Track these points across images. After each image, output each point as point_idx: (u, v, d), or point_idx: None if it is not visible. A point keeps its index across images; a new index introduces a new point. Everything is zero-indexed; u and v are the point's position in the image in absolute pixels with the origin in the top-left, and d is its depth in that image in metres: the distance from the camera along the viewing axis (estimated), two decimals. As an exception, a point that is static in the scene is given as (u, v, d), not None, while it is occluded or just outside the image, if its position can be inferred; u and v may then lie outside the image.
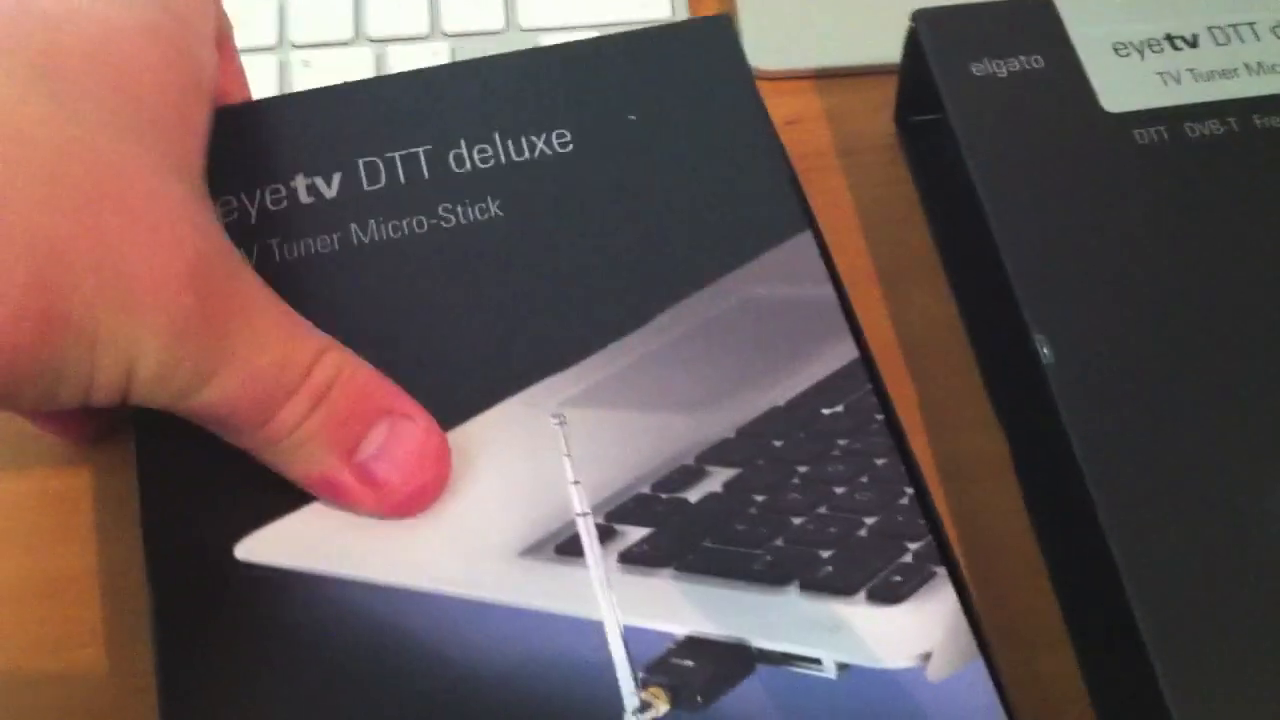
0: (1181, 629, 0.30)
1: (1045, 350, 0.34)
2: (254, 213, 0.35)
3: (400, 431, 0.30)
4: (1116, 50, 0.40)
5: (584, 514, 0.31)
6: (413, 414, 0.30)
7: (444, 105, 0.37)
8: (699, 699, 0.29)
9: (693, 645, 0.30)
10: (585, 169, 0.36)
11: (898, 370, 0.38)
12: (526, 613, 0.30)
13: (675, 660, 0.30)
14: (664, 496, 0.31)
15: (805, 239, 0.35)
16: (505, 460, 0.32)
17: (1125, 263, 0.36)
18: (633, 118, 0.37)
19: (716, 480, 0.31)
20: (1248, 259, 0.36)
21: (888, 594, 0.30)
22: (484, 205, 0.35)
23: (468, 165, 0.36)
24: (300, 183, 0.36)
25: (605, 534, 0.31)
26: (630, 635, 0.30)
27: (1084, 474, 0.32)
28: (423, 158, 0.36)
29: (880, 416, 0.32)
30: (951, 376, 0.39)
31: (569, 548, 0.31)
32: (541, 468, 0.32)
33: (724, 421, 0.32)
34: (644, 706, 0.29)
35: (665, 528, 0.31)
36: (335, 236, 0.35)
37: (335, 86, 0.38)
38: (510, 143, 0.37)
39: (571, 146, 0.37)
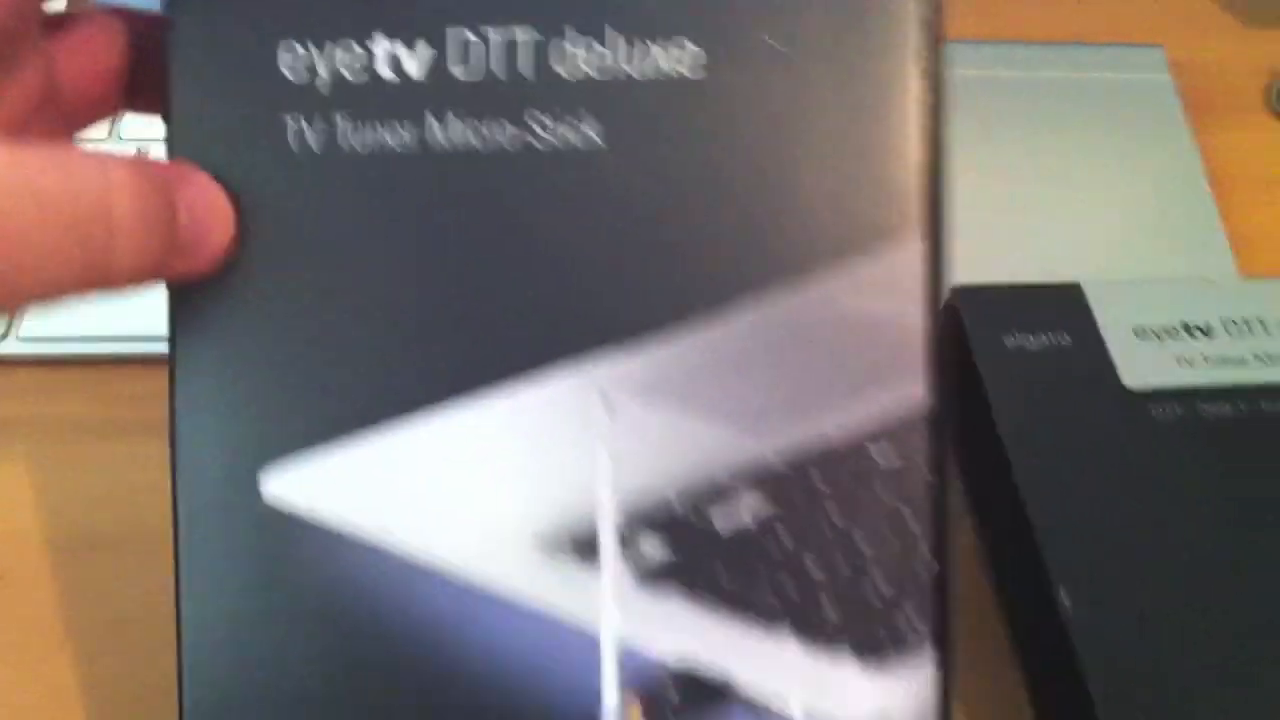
0: None
1: (1065, 600, 0.37)
2: (326, 78, 0.31)
3: (190, 195, 0.29)
4: (1137, 334, 0.43)
5: (608, 515, 0.31)
6: (183, 175, 0.29)
7: None
8: (676, 730, 0.30)
9: (682, 675, 0.30)
10: (703, 103, 0.31)
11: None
12: (530, 607, 0.30)
13: (663, 686, 0.30)
14: (693, 516, 0.31)
15: (914, 250, 0.31)
16: (543, 437, 0.31)
17: (1140, 524, 0.40)
18: (771, 42, 0.31)
19: (747, 509, 0.31)
20: (1251, 526, 0.40)
21: (875, 664, 0.31)
22: (583, 127, 0.31)
23: (574, 66, 0.31)
24: (381, 49, 0.31)
25: (625, 542, 0.31)
26: (626, 652, 0.30)
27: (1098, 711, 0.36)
28: (524, 43, 0.31)
29: (928, 479, 0.31)
30: (976, 620, 0.43)
31: (585, 548, 0.31)
32: (577, 453, 0.31)
33: (772, 445, 0.31)
34: None
35: (685, 551, 0.31)
36: (413, 133, 0.31)
37: None
38: (625, 45, 0.31)
39: (694, 69, 0.31)
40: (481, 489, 0.31)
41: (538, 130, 0.31)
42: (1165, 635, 0.37)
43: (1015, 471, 0.41)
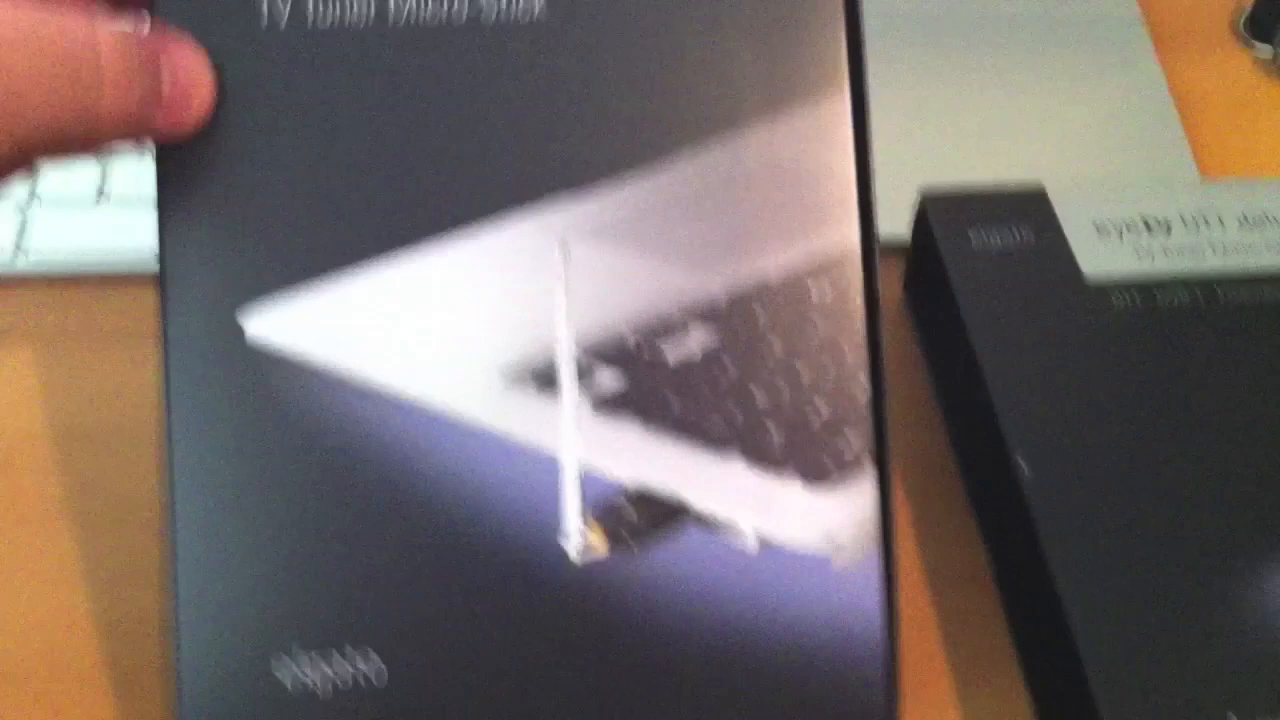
0: (1136, 710, 0.35)
1: (1024, 467, 0.40)
2: None
3: (174, 58, 0.31)
4: (1098, 229, 0.45)
5: (568, 349, 0.33)
6: (167, 37, 0.31)
7: None
8: (634, 547, 0.32)
9: (638, 496, 0.33)
10: None
11: (896, 492, 0.40)
12: (495, 436, 0.33)
13: (620, 507, 0.33)
14: (644, 348, 0.33)
15: (841, 103, 0.34)
16: (506, 277, 0.33)
17: (1097, 401, 0.42)
18: None
19: (697, 341, 0.33)
20: (1203, 401, 0.42)
21: (819, 482, 0.33)
22: (528, 1, 0.33)
23: None
24: None
25: (583, 374, 0.33)
26: (585, 476, 0.33)
27: (1053, 573, 0.38)
28: None
29: (862, 310, 0.33)
30: (942, 497, 0.44)
31: (547, 380, 0.33)
32: (538, 292, 0.33)
33: (717, 282, 0.33)
34: (585, 544, 0.31)
35: (639, 380, 0.33)
36: (371, 7, 0.33)
37: None
38: None
39: None
40: (448, 326, 0.33)
41: (487, 6, 0.33)
42: (1116, 501, 0.39)
43: (980, 356, 0.42)
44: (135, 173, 0.51)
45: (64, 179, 0.51)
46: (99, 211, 0.50)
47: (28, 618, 0.41)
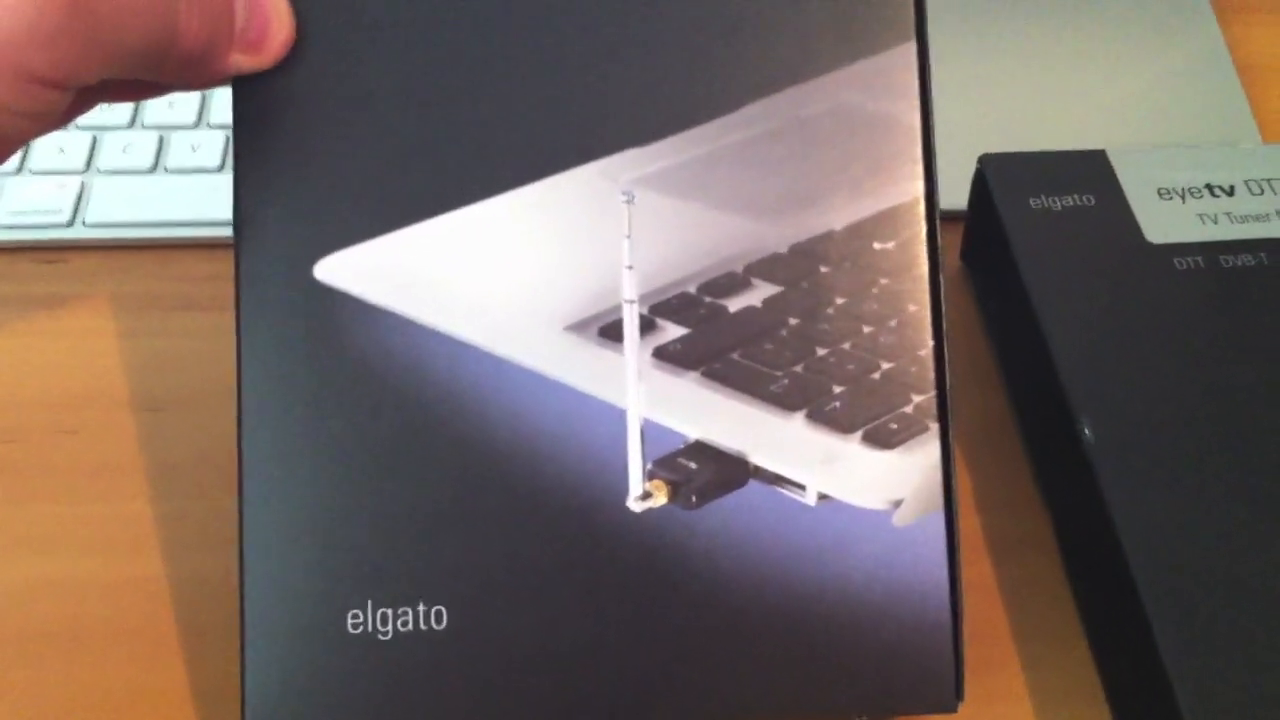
0: (1206, 674, 0.35)
1: (1087, 432, 0.39)
2: None
3: None
4: (1160, 194, 0.44)
5: (632, 301, 0.32)
6: None
7: None
8: (694, 499, 0.32)
9: (699, 449, 0.32)
10: None
11: (957, 459, 0.39)
12: (559, 386, 0.32)
13: (681, 460, 0.32)
14: (707, 300, 0.32)
15: (907, 51, 0.33)
16: (570, 229, 0.33)
17: (1161, 365, 0.41)
18: None
19: (759, 294, 0.33)
20: (1268, 364, 0.41)
21: (881, 439, 0.33)
22: None
23: None
24: None
25: (646, 325, 0.33)
26: (647, 428, 0.32)
27: (1119, 533, 0.37)
28: None
29: (925, 264, 0.33)
30: (1003, 466, 0.44)
31: (611, 332, 0.33)
32: (602, 244, 0.33)
33: (780, 235, 0.33)
34: (646, 495, 0.31)
35: (701, 332, 0.33)
36: None
37: None
38: None
39: None
40: (512, 275, 0.33)
41: None
42: (1182, 466, 0.38)
43: (1041, 319, 0.42)
44: (192, 144, 0.51)
45: (122, 150, 0.51)
46: (156, 181, 0.51)
47: (98, 582, 0.41)
